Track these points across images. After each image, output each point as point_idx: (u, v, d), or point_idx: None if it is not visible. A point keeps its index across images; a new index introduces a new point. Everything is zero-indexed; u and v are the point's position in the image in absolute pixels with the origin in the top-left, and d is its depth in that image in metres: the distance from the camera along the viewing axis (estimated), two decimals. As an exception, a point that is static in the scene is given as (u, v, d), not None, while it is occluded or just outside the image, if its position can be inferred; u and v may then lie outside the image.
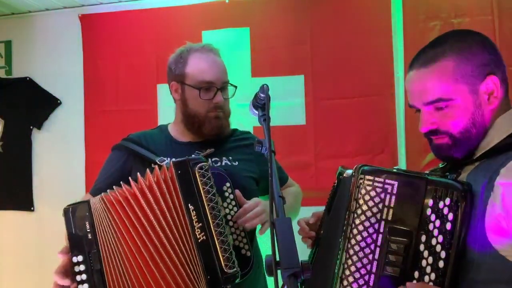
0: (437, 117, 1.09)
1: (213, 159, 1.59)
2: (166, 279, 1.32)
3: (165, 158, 1.52)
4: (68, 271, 1.33)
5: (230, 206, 1.45)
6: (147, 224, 1.34)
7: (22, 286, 3.01)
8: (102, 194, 1.40)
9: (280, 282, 0.86)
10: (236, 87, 1.66)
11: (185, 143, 1.64)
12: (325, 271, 1.13)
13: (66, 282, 1.32)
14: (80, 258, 1.33)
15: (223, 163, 1.60)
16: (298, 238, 0.98)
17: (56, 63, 3.01)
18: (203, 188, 1.34)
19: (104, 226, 1.36)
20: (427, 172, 1.19)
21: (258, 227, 1.49)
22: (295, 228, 1.00)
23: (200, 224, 1.31)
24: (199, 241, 1.31)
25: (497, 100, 1.07)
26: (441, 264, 0.97)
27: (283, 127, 2.59)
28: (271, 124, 1.20)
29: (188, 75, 1.60)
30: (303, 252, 1.30)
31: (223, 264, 1.28)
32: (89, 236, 1.35)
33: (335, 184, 1.29)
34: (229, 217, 1.44)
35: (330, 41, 2.61)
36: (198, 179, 1.35)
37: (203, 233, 1.31)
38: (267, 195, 1.64)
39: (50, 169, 3.00)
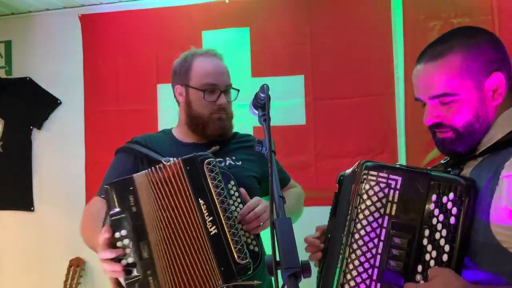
0: (442, 111, 1.11)
1: (217, 159, 1.61)
2: (179, 268, 1.33)
3: (171, 159, 1.54)
4: (109, 246, 1.32)
5: (236, 204, 1.47)
6: (170, 212, 1.37)
7: (22, 286, 3.01)
8: (147, 170, 1.41)
9: (281, 282, 0.87)
10: (238, 90, 1.70)
11: (190, 144, 1.67)
12: (330, 267, 1.14)
13: (113, 254, 1.30)
14: (123, 232, 1.32)
15: (227, 163, 1.62)
16: (298, 239, 0.97)
17: (56, 63, 3.01)
18: (212, 183, 1.37)
19: (145, 199, 1.37)
20: (430, 168, 1.20)
21: None
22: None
23: (211, 217, 1.34)
24: (211, 234, 1.33)
25: (501, 96, 1.09)
26: (445, 257, 0.98)
27: (283, 127, 2.59)
28: (271, 124, 1.21)
29: (193, 78, 1.64)
30: (303, 252, 1.30)
31: (235, 256, 1.31)
32: (134, 209, 1.35)
33: (337, 191, 1.29)
34: (235, 214, 1.45)
35: (330, 41, 2.61)
36: (207, 174, 1.38)
37: (214, 227, 1.33)
38: (268, 195, 1.65)
39: (50, 169, 3.00)
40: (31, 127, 3.04)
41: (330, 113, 2.60)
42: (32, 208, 3.01)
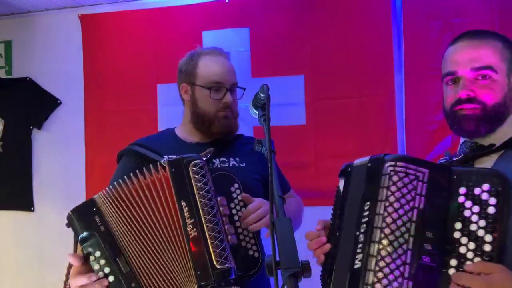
0: (476, 87, 1.18)
1: (221, 159, 1.62)
2: (160, 274, 1.33)
3: (173, 156, 1.54)
4: (81, 273, 1.31)
5: (238, 207, 1.46)
6: (140, 222, 1.36)
7: (22, 286, 3.01)
8: (104, 190, 1.40)
9: (281, 282, 0.87)
10: (244, 89, 1.70)
11: (194, 144, 1.67)
12: (344, 267, 1.10)
13: (84, 279, 1.29)
14: (97, 253, 1.32)
15: (231, 164, 1.63)
16: (298, 239, 0.97)
17: (56, 63, 3.01)
18: (196, 185, 1.35)
19: (111, 215, 1.36)
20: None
21: (264, 230, 1.49)
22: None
23: (192, 220, 1.32)
24: (191, 237, 1.31)
25: None
26: (487, 247, 0.96)
27: (283, 127, 2.59)
28: (271, 124, 1.21)
29: (199, 76, 1.65)
30: (304, 252, 1.30)
31: (214, 260, 1.28)
32: (102, 228, 1.34)
33: (344, 184, 1.24)
34: (236, 217, 1.44)
35: (330, 41, 2.61)
36: (191, 176, 1.36)
37: (194, 229, 1.31)
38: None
39: (50, 169, 3.00)
40: (31, 127, 3.04)
41: (330, 113, 2.60)
42: (32, 208, 3.01)
